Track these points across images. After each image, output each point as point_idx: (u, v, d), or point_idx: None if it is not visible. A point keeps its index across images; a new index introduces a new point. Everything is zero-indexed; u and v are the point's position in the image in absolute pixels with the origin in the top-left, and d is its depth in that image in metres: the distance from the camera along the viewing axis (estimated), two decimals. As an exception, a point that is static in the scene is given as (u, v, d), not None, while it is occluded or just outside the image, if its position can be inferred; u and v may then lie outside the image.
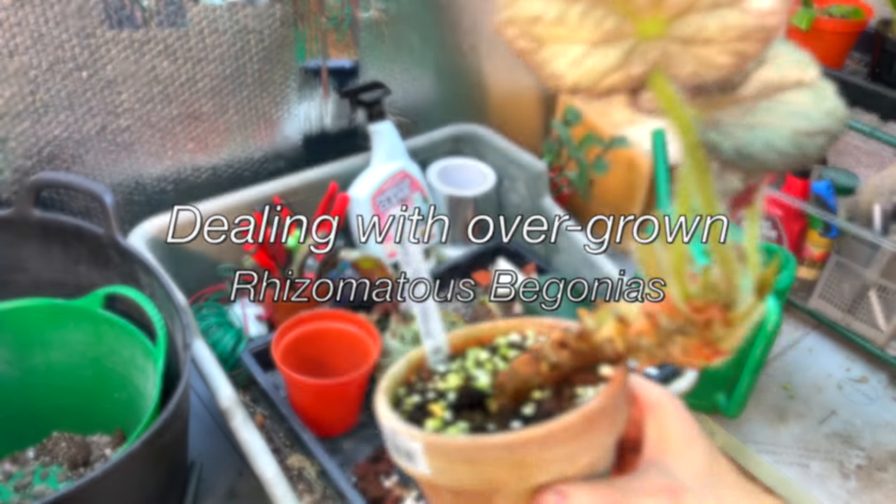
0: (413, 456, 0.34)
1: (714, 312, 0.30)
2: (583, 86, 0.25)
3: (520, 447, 0.32)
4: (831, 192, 1.20)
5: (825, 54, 1.10)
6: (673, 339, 0.32)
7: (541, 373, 0.35)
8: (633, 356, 0.34)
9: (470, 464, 0.33)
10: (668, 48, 0.24)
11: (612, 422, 0.35)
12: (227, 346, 0.98)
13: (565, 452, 0.33)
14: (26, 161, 0.96)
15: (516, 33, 0.25)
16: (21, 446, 0.93)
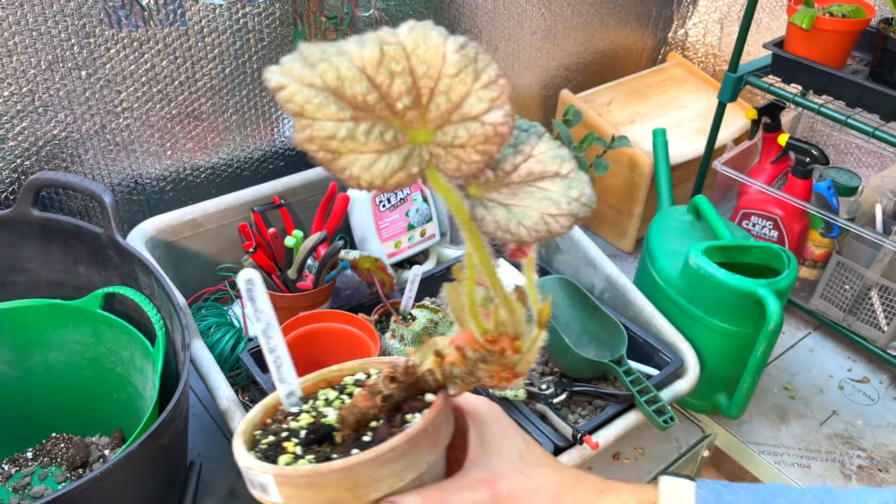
0: (266, 488, 0.38)
1: (505, 342, 0.38)
2: (376, 185, 0.31)
3: (353, 470, 0.37)
4: (833, 191, 1.19)
5: (826, 54, 1.09)
6: (478, 367, 0.39)
7: (376, 405, 0.41)
8: (450, 383, 0.41)
9: (314, 488, 0.37)
10: (434, 151, 0.31)
11: (434, 440, 0.40)
12: (227, 346, 0.97)
13: (393, 470, 0.38)
14: (25, 160, 0.96)
15: (315, 148, 0.30)
16: (20, 447, 0.92)
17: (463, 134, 0.31)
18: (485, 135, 0.31)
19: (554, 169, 0.35)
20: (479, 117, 0.31)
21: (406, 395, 0.42)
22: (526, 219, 0.34)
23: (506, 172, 0.35)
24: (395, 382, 0.41)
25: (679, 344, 0.99)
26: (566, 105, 1.40)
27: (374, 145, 0.30)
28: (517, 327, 0.38)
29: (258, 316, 0.44)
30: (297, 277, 1.01)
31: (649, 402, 0.90)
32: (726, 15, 1.63)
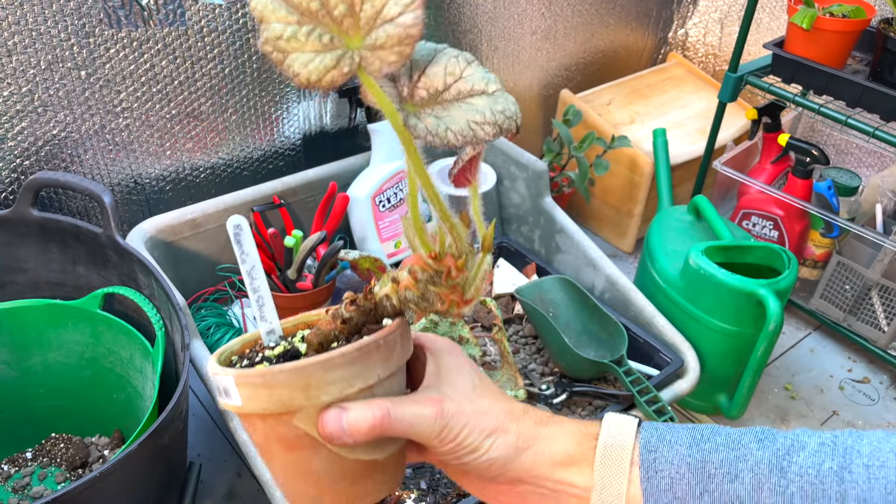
0: (229, 391, 0.41)
1: (449, 261, 0.42)
2: (312, 80, 0.35)
3: (304, 371, 0.40)
4: (833, 191, 1.19)
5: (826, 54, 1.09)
6: (429, 290, 0.43)
7: (337, 327, 0.44)
8: (406, 309, 0.44)
9: (268, 388, 0.40)
10: (363, 54, 0.36)
11: (386, 355, 0.42)
12: (227, 346, 0.97)
13: (342, 375, 0.41)
14: (24, 160, 0.96)
15: (270, 49, 0.35)
16: (20, 448, 0.92)
17: (382, 35, 0.35)
18: (399, 35, 0.35)
19: (481, 87, 0.39)
20: (394, 19, 0.35)
21: (366, 320, 0.45)
22: (454, 124, 0.38)
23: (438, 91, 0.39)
24: (355, 306, 0.44)
25: (679, 344, 0.99)
26: (566, 105, 1.40)
27: (313, 45, 0.35)
28: (459, 246, 0.42)
29: (243, 258, 0.46)
30: (296, 277, 1.01)
31: (649, 403, 0.90)
32: (726, 15, 1.63)
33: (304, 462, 0.43)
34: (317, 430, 0.41)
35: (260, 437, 0.43)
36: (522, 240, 1.25)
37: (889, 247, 1.10)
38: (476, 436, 0.43)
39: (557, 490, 0.44)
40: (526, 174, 1.20)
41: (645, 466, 0.43)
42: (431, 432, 0.42)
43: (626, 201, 1.40)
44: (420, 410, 0.42)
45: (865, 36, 1.12)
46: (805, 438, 0.42)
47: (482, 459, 0.43)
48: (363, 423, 0.41)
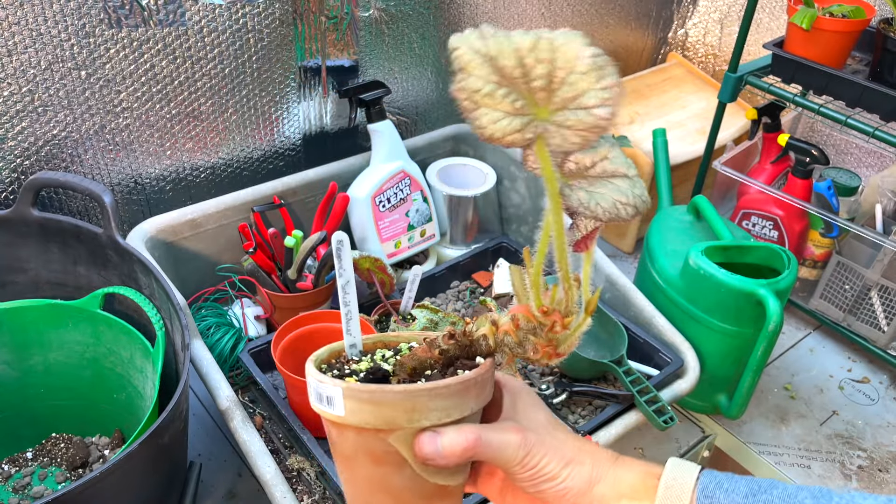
0: (333, 400, 0.43)
1: (556, 317, 0.45)
2: (496, 137, 0.39)
3: (412, 395, 0.43)
4: (833, 191, 1.19)
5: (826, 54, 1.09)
6: (527, 339, 0.46)
7: (433, 357, 0.47)
8: (499, 351, 0.47)
9: (375, 405, 0.43)
10: (548, 127, 0.40)
11: (480, 392, 0.46)
12: (227, 346, 0.97)
13: (444, 405, 0.44)
14: (25, 160, 0.96)
15: (463, 97, 0.39)
16: (20, 447, 0.92)
17: (573, 118, 0.39)
18: (589, 123, 0.39)
19: (623, 171, 0.43)
20: (590, 109, 0.38)
21: (459, 354, 0.48)
22: (603, 201, 0.42)
23: (586, 167, 0.43)
24: (453, 339, 0.47)
25: (679, 344, 0.99)
26: (566, 105, 1.40)
27: (505, 107, 0.39)
28: (570, 306, 0.46)
29: (341, 272, 0.49)
30: (296, 277, 1.01)
31: (649, 403, 0.90)
32: (726, 15, 1.63)
33: (388, 478, 0.46)
34: (410, 451, 0.44)
35: (349, 447, 0.46)
36: (522, 240, 1.25)
37: (889, 247, 1.10)
38: (555, 464, 0.46)
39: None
40: (526, 174, 1.20)
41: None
42: (515, 458, 0.45)
43: (625, 201, 1.39)
44: (506, 437, 0.46)
45: (865, 36, 1.12)
46: (860, 500, 0.43)
47: (559, 487, 0.46)
48: (457, 447, 0.44)
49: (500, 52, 0.39)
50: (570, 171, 0.43)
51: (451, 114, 1.38)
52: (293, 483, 0.86)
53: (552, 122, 0.39)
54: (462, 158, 1.27)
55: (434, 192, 1.21)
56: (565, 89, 0.39)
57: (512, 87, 0.39)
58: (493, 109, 0.39)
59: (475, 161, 1.26)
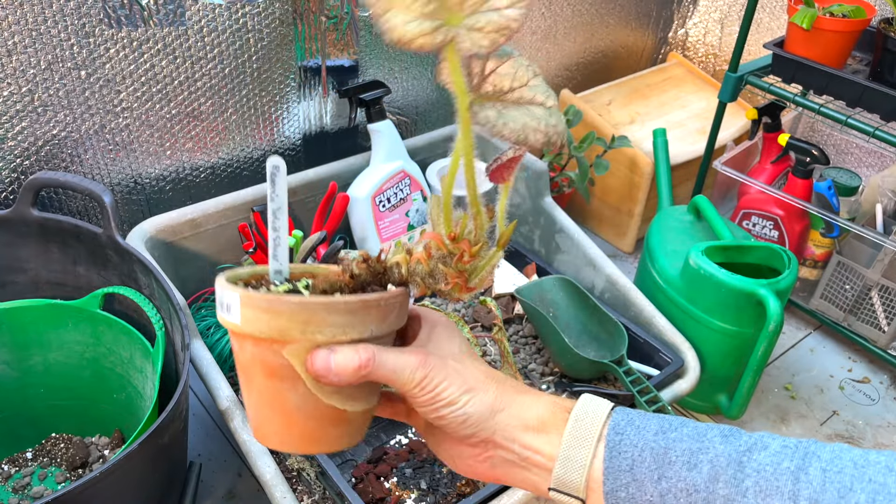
0: (231, 307, 0.43)
1: (465, 245, 0.45)
2: (405, 39, 0.38)
3: (308, 307, 0.43)
4: (833, 191, 1.19)
5: (826, 54, 1.09)
6: (438, 269, 0.46)
7: (344, 280, 0.47)
8: (412, 281, 0.47)
9: (270, 314, 0.42)
10: (459, 32, 0.39)
11: (383, 316, 0.45)
12: (227, 346, 0.97)
13: (341, 321, 0.43)
14: (25, 160, 0.96)
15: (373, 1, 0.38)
16: (20, 448, 0.92)
17: (483, 20, 0.39)
18: (499, 24, 0.39)
19: (541, 99, 0.44)
20: (500, 9, 0.39)
21: (372, 280, 0.47)
22: (512, 122, 0.42)
23: (503, 91, 0.43)
24: (366, 265, 0.47)
25: (679, 344, 0.99)
26: (566, 105, 1.40)
27: (416, 10, 0.39)
28: (478, 234, 0.46)
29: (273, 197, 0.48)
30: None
31: (650, 403, 0.90)
32: (726, 15, 1.63)
33: (281, 392, 0.45)
34: (303, 366, 0.43)
35: (246, 357, 0.45)
36: (522, 240, 1.25)
37: (889, 247, 1.10)
38: (454, 389, 0.45)
39: (525, 457, 0.46)
40: (526, 174, 1.20)
41: (610, 446, 0.44)
42: (412, 380, 0.44)
43: (626, 201, 1.40)
44: (404, 358, 0.44)
45: (865, 36, 1.12)
46: (768, 440, 0.43)
47: (458, 413, 0.45)
48: (350, 364, 0.43)
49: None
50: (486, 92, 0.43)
51: (452, 114, 1.37)
52: (293, 483, 0.86)
53: (463, 26, 0.39)
54: (462, 158, 1.27)
55: (434, 192, 1.21)
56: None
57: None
58: (404, 12, 0.38)
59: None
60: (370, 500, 0.83)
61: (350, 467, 0.89)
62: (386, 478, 0.87)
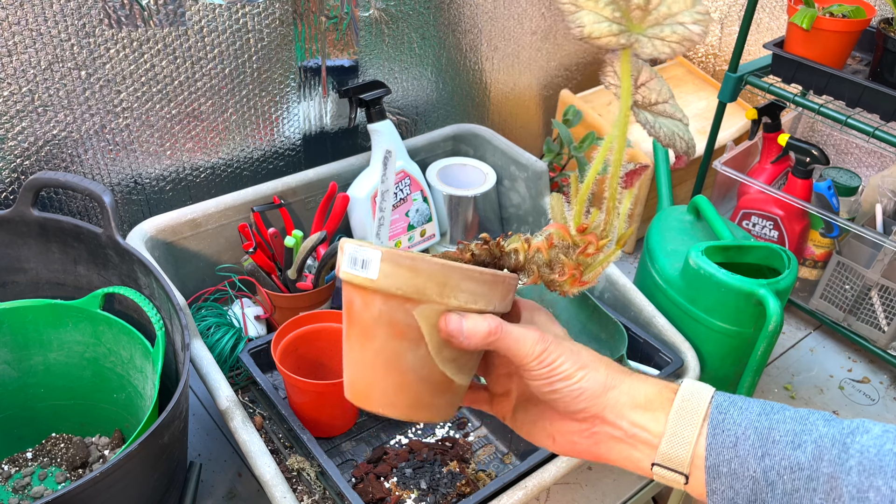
0: (368, 264, 0.45)
1: (592, 237, 0.48)
2: (593, 36, 0.43)
3: (448, 270, 0.45)
4: (833, 191, 1.19)
5: (826, 53, 1.09)
6: (558, 258, 0.49)
7: (465, 258, 0.50)
8: (527, 268, 0.50)
9: (412, 272, 0.44)
10: (640, 38, 0.44)
11: (505, 294, 0.48)
12: (227, 346, 0.97)
13: (473, 289, 0.46)
14: (25, 160, 0.96)
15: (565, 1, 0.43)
16: (20, 448, 0.92)
17: (668, 30, 0.43)
18: (682, 35, 0.43)
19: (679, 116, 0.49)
20: (685, 24, 0.43)
21: (488, 262, 0.50)
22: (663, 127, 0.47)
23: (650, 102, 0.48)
24: (487, 246, 0.50)
25: (679, 344, 0.99)
26: (566, 105, 1.40)
27: (605, 12, 0.43)
28: (607, 230, 0.49)
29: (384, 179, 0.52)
30: (296, 277, 1.01)
31: (649, 403, 0.90)
32: (726, 15, 1.63)
33: (401, 353, 0.47)
34: (431, 328, 0.46)
35: (371, 316, 0.46)
36: (522, 240, 1.25)
37: (889, 247, 1.10)
38: (570, 365, 0.47)
39: (632, 433, 0.48)
40: (526, 174, 1.20)
41: (714, 423, 0.46)
42: (532, 352, 0.47)
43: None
44: (526, 331, 0.47)
45: (865, 36, 1.12)
46: (870, 425, 0.45)
47: (574, 387, 0.47)
48: (481, 329, 0.46)
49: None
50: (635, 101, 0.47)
51: (451, 114, 1.38)
52: (293, 483, 0.86)
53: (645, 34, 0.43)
54: (462, 158, 1.27)
55: (434, 192, 1.21)
56: (662, 9, 0.43)
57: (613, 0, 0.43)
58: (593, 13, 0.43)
59: (475, 161, 1.26)
60: (370, 500, 0.83)
61: (350, 467, 0.89)
62: (386, 478, 0.87)
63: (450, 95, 1.35)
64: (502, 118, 1.48)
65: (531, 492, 0.78)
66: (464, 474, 0.87)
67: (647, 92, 0.48)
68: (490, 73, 1.39)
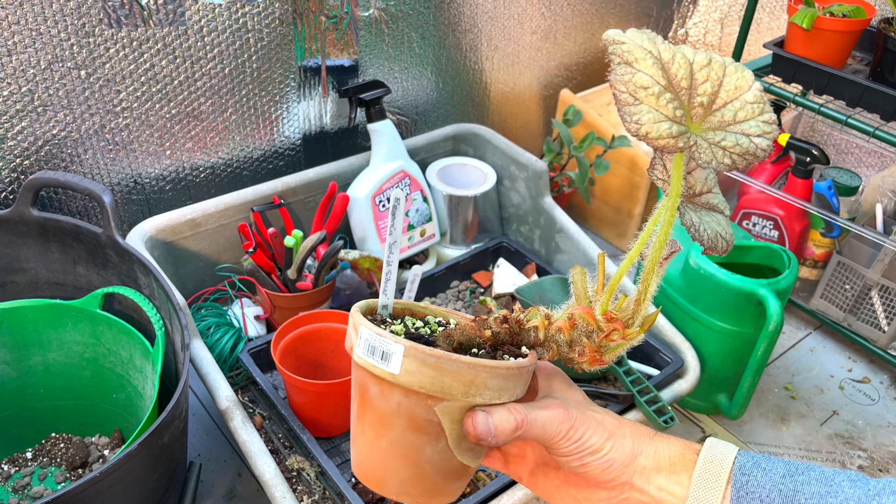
0: (390, 357, 0.43)
1: (619, 325, 0.47)
2: (651, 136, 0.39)
3: (477, 369, 0.43)
4: (833, 191, 1.19)
5: (826, 53, 1.09)
6: (580, 340, 0.47)
7: (482, 336, 0.48)
8: (546, 346, 0.48)
9: (437, 370, 0.42)
10: (699, 142, 0.40)
11: (527, 380, 0.47)
12: (226, 346, 0.97)
13: (498, 386, 0.44)
14: (24, 160, 0.96)
15: (623, 90, 0.40)
16: (20, 448, 0.92)
17: (731, 140, 0.40)
18: (745, 149, 0.40)
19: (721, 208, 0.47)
20: (751, 136, 0.40)
21: (506, 340, 0.48)
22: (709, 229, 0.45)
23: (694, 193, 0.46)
24: (507, 324, 0.48)
25: (679, 344, 0.99)
26: (566, 105, 1.40)
27: (666, 111, 0.40)
28: (634, 318, 0.47)
29: (392, 231, 0.49)
30: (296, 277, 1.01)
31: (649, 402, 0.90)
32: (727, 15, 1.63)
33: (419, 447, 0.45)
34: (452, 424, 0.44)
35: (389, 408, 0.45)
36: (522, 240, 1.25)
37: (889, 247, 1.10)
38: (598, 437, 0.47)
39: (658, 498, 0.47)
40: (526, 174, 1.20)
41: (737, 486, 0.45)
42: (559, 432, 0.46)
43: (626, 201, 1.40)
44: (550, 413, 0.46)
45: (865, 36, 1.12)
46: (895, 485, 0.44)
47: (603, 460, 0.47)
48: (508, 426, 0.44)
49: (673, 60, 0.41)
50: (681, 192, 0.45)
51: (451, 114, 1.38)
52: (293, 483, 0.86)
53: (705, 138, 0.40)
54: (462, 158, 1.27)
55: (434, 192, 1.21)
56: (727, 113, 0.41)
57: (675, 95, 0.40)
58: (652, 109, 0.40)
59: (475, 161, 1.26)
60: (370, 500, 0.83)
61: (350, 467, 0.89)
62: (386, 478, 0.86)
63: (450, 95, 1.35)
64: (502, 118, 1.47)
65: (531, 492, 0.78)
66: (464, 474, 0.87)
67: (693, 181, 0.46)
68: (490, 73, 1.38)
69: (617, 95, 0.40)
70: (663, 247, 0.45)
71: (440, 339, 0.47)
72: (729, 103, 0.41)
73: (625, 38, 0.41)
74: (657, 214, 0.45)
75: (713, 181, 0.47)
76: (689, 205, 0.45)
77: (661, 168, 0.45)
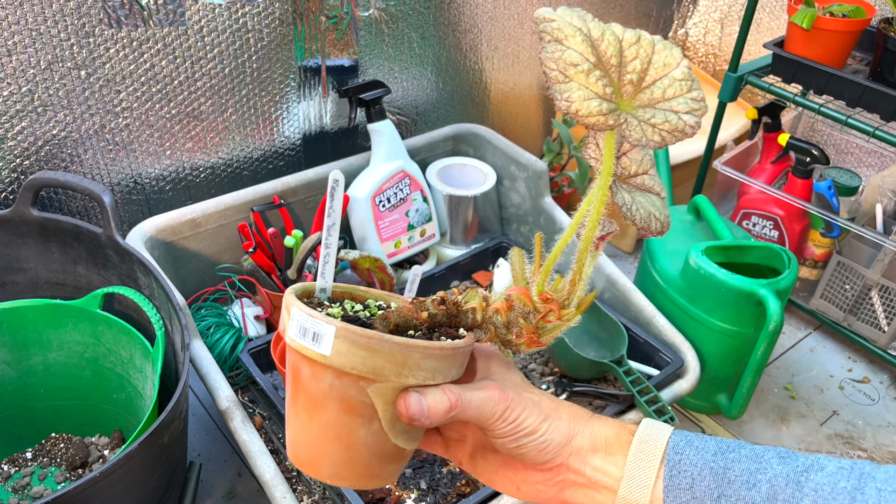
0: (321, 338, 0.42)
1: (555, 305, 0.46)
2: (581, 113, 0.39)
3: (409, 349, 0.42)
4: (833, 191, 1.19)
5: (826, 53, 1.09)
6: (517, 322, 0.47)
7: (419, 318, 0.47)
8: (484, 328, 0.48)
9: (369, 351, 0.41)
10: (629, 119, 0.40)
11: (462, 362, 0.46)
12: (226, 346, 0.97)
13: (431, 367, 0.43)
14: (24, 160, 0.96)
15: (554, 68, 0.40)
16: (20, 448, 0.92)
17: (660, 117, 0.40)
18: (674, 126, 0.40)
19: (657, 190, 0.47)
20: (679, 113, 0.40)
21: (444, 322, 0.48)
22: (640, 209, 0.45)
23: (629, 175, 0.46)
24: (444, 306, 0.47)
25: (679, 344, 0.99)
26: (566, 105, 1.40)
27: (596, 88, 0.39)
28: (570, 299, 0.47)
29: (330, 212, 0.48)
30: (296, 277, 1.01)
31: (649, 403, 0.90)
32: (727, 15, 1.63)
33: (352, 429, 0.44)
34: (385, 406, 0.44)
35: (322, 389, 0.44)
36: (522, 240, 1.25)
37: (889, 247, 1.10)
38: (534, 419, 0.47)
39: (594, 478, 0.47)
40: (526, 174, 1.20)
41: (670, 465, 0.46)
42: (495, 412, 0.46)
43: (626, 201, 1.39)
44: (486, 393, 0.46)
45: (865, 36, 1.12)
46: (825, 461, 0.44)
47: (539, 441, 0.47)
48: (441, 406, 0.44)
49: (603, 37, 0.41)
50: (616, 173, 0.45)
51: (451, 114, 1.38)
52: (293, 483, 0.86)
53: (635, 116, 0.40)
54: (462, 158, 1.27)
55: (434, 192, 1.21)
56: (656, 90, 0.40)
57: (605, 73, 0.40)
58: (583, 87, 0.39)
59: (475, 161, 1.26)
60: (370, 500, 0.83)
61: (350, 467, 0.89)
62: (386, 478, 0.86)
63: (450, 95, 1.35)
64: (502, 118, 1.47)
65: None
66: (464, 474, 0.87)
67: (628, 163, 0.46)
68: (490, 73, 1.38)
69: (547, 73, 0.40)
70: (596, 227, 0.44)
71: (377, 321, 0.46)
72: (658, 80, 0.41)
73: (555, 16, 0.41)
74: (591, 194, 0.44)
75: (649, 163, 0.47)
76: (624, 185, 0.45)
77: (595, 147, 0.45)
